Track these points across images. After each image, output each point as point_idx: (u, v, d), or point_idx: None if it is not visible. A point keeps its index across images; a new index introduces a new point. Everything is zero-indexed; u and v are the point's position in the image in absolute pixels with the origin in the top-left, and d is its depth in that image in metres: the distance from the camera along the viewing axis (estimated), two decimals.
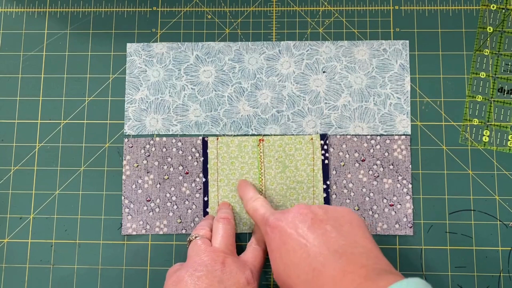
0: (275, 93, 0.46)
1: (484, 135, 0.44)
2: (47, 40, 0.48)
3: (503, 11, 0.46)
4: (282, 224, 0.34)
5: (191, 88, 0.46)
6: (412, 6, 0.47)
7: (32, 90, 0.47)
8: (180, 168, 0.45)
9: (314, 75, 0.46)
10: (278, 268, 0.34)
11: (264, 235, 0.37)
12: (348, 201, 0.44)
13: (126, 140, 0.45)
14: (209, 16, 0.47)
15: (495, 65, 0.45)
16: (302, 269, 0.32)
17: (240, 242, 0.44)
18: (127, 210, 0.44)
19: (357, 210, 0.44)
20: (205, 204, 0.44)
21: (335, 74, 0.46)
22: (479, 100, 0.45)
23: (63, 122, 0.46)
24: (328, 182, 0.44)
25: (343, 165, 0.44)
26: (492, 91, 0.45)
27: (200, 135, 0.45)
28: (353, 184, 0.44)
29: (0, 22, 0.48)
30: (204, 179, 0.44)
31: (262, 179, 0.44)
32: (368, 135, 0.45)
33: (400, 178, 0.44)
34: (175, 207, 0.44)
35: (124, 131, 0.46)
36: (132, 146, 0.45)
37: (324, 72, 0.46)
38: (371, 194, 0.44)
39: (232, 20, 0.47)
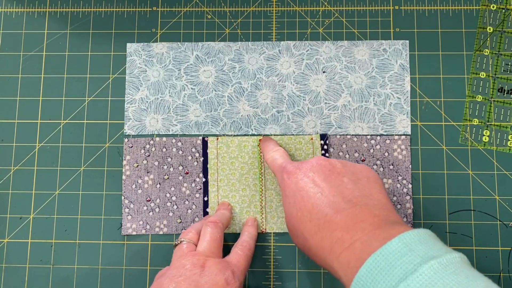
0: (275, 93, 0.46)
1: (484, 135, 0.44)
2: (47, 40, 0.48)
3: (503, 11, 0.46)
4: (300, 172, 0.35)
5: (191, 88, 0.46)
6: (412, 6, 0.47)
7: (32, 90, 0.47)
8: (180, 168, 0.45)
9: (314, 75, 0.46)
10: (291, 212, 0.35)
11: (280, 182, 0.37)
12: None
13: (126, 140, 0.45)
14: (209, 16, 0.47)
15: (495, 65, 0.45)
16: (315, 214, 0.33)
17: None
18: (127, 210, 0.44)
19: None
20: (205, 204, 0.44)
21: (335, 74, 0.46)
22: (479, 100, 0.45)
23: (63, 122, 0.46)
24: None
25: None
26: (492, 91, 0.45)
27: (200, 135, 0.45)
28: None
29: (0, 22, 0.48)
30: (204, 179, 0.44)
31: (262, 179, 0.44)
32: (368, 135, 0.45)
33: (400, 178, 0.44)
34: (175, 207, 0.44)
35: (124, 131, 0.46)
36: (132, 146, 0.45)
37: (324, 72, 0.46)
38: None
39: (232, 20, 0.47)
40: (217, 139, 0.45)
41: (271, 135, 0.45)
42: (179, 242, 0.39)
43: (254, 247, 0.41)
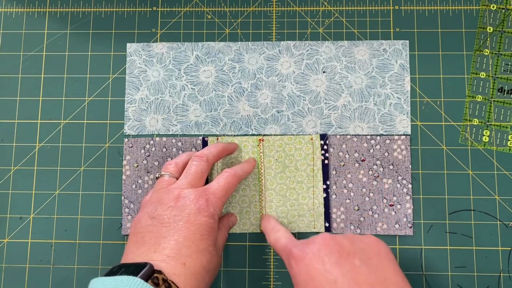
0: (275, 93, 0.46)
1: (484, 135, 0.44)
2: (47, 40, 0.48)
3: (503, 11, 0.46)
4: (308, 257, 0.33)
5: (191, 88, 0.46)
6: (412, 6, 0.47)
7: (32, 90, 0.47)
8: None
9: (314, 75, 0.46)
10: None
11: (289, 268, 0.35)
12: (348, 201, 0.44)
13: (126, 140, 0.45)
14: (209, 16, 0.47)
15: (495, 65, 0.45)
16: None
17: (239, 242, 0.44)
18: (127, 210, 0.44)
19: (357, 210, 0.44)
20: None
21: (335, 74, 0.46)
22: (479, 100, 0.45)
23: (63, 122, 0.46)
24: (328, 182, 0.44)
25: (343, 165, 0.44)
26: (492, 91, 0.45)
27: (200, 135, 0.45)
28: (353, 184, 0.44)
29: (0, 22, 0.48)
30: None
31: (262, 179, 0.44)
32: (368, 135, 0.45)
33: (400, 178, 0.44)
34: None
35: (124, 131, 0.46)
36: (132, 146, 0.45)
37: (324, 72, 0.46)
38: (371, 194, 0.44)
39: (232, 20, 0.47)
40: (217, 139, 0.45)
41: (271, 135, 0.45)
42: (159, 175, 0.40)
43: (241, 177, 0.41)
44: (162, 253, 0.33)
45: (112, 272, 0.32)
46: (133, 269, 0.31)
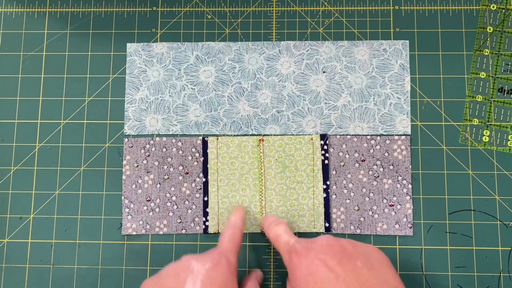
0: (275, 93, 0.46)
1: (484, 135, 0.44)
2: (47, 40, 0.48)
3: (503, 11, 0.46)
4: (311, 254, 0.33)
5: (191, 88, 0.46)
6: (412, 6, 0.47)
7: (32, 90, 0.47)
8: (180, 168, 0.45)
9: (314, 75, 0.46)
10: None
11: (288, 262, 0.35)
12: (348, 201, 0.44)
13: (126, 140, 0.45)
14: (209, 16, 0.47)
15: (495, 65, 0.45)
16: None
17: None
18: (127, 210, 0.44)
19: (357, 210, 0.44)
20: (205, 204, 0.44)
21: (335, 74, 0.46)
22: (479, 100, 0.45)
23: (63, 122, 0.46)
24: (328, 182, 0.44)
25: (343, 165, 0.44)
26: (492, 91, 0.45)
27: (200, 135, 0.45)
28: (353, 184, 0.44)
29: (0, 22, 0.48)
30: (204, 179, 0.44)
31: (262, 179, 0.44)
32: (368, 135, 0.45)
33: (400, 178, 0.44)
34: (175, 207, 0.44)
35: (124, 131, 0.46)
36: (132, 146, 0.45)
37: (324, 72, 0.46)
38: (371, 194, 0.44)
39: (232, 20, 0.47)
40: (217, 139, 0.45)
41: (271, 135, 0.45)
42: None
43: (241, 228, 0.39)
44: None
45: None
46: None
